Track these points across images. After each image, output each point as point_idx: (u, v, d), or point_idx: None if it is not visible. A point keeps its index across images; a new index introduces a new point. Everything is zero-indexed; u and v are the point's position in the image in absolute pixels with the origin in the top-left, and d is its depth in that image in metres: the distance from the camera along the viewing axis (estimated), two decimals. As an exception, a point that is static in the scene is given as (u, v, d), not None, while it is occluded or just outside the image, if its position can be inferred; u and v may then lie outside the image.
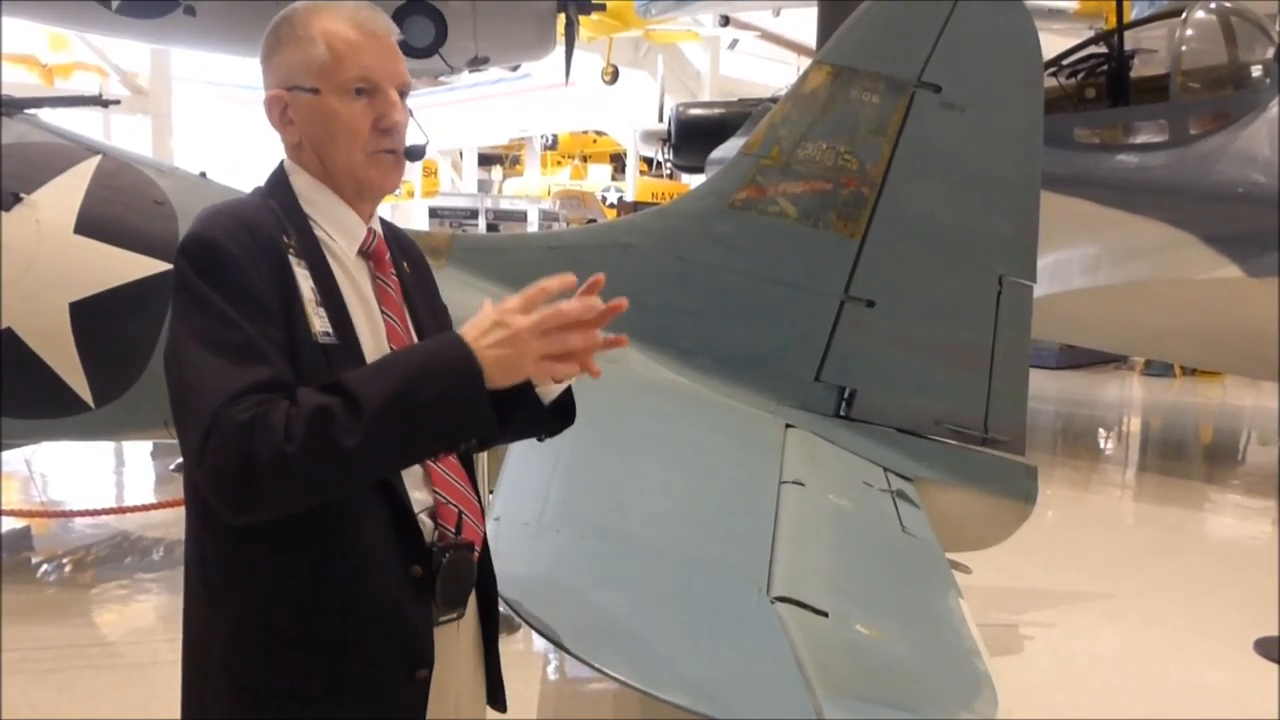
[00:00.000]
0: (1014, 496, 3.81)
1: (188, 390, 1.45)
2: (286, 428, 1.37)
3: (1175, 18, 8.02)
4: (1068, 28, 15.58)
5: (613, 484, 2.72)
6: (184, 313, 1.48)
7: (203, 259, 1.48)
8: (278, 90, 1.63)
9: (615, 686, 2.47)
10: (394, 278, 1.71)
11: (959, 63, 3.72)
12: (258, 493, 1.39)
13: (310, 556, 1.52)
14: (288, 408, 1.39)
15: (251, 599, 1.54)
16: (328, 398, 1.40)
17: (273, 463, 1.36)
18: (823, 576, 2.42)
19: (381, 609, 1.55)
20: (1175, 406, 12.60)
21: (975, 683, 2.12)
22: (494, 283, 3.96)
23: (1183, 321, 7.70)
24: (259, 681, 1.54)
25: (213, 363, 1.43)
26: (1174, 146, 7.37)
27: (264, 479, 1.37)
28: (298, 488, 1.40)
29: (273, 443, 1.36)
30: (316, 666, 1.53)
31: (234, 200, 1.63)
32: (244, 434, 1.36)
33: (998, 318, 3.76)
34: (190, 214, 4.81)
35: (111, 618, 4.90)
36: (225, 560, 1.55)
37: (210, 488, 1.41)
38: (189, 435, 1.42)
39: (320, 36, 1.60)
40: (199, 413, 1.40)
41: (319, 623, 1.53)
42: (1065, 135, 7.60)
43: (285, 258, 1.54)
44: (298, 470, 1.38)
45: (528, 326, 1.45)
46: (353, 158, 1.62)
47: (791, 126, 3.80)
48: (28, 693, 3.93)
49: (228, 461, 1.37)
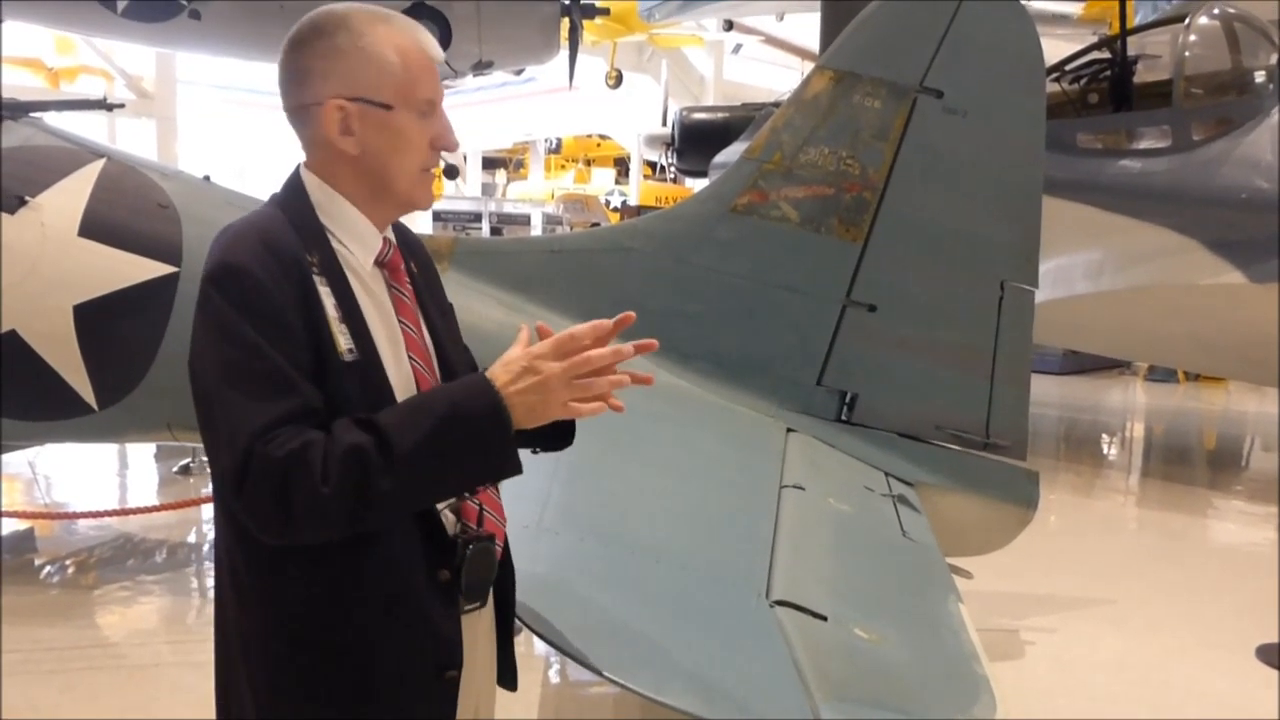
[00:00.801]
0: (1015, 502, 3.81)
1: (219, 419, 1.47)
2: (323, 468, 1.41)
3: (1178, 23, 8.02)
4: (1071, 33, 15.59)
5: (613, 487, 2.73)
6: (212, 340, 1.49)
7: (230, 285, 1.49)
8: (339, 100, 1.59)
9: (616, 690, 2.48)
10: (408, 285, 1.73)
11: (961, 68, 3.73)
12: (293, 528, 1.44)
13: (342, 562, 1.54)
14: (323, 445, 1.43)
15: (284, 603, 1.56)
16: (361, 436, 1.44)
17: (309, 502, 1.41)
18: (822, 581, 2.42)
19: (411, 612, 1.59)
20: (1178, 412, 12.58)
21: (974, 687, 2.12)
22: (497, 286, 3.97)
23: (1186, 327, 7.69)
24: (291, 684, 1.56)
25: (244, 393, 1.45)
26: (1177, 152, 7.37)
27: (299, 516, 1.43)
28: (331, 525, 1.46)
29: (309, 483, 1.41)
30: (349, 670, 1.56)
31: (253, 218, 1.61)
32: (280, 472, 1.41)
33: (999, 323, 3.76)
34: (194, 217, 4.82)
35: (114, 619, 4.91)
36: (258, 565, 1.57)
37: (250, 520, 1.46)
38: (223, 464, 1.45)
39: (395, 52, 1.59)
40: (232, 445, 1.43)
41: (351, 627, 1.56)
42: (1068, 140, 7.60)
43: (309, 277, 1.54)
44: (332, 511, 1.43)
45: (557, 374, 1.49)
46: (411, 176, 1.64)
47: (794, 131, 3.81)
48: (30, 694, 3.94)
49: (264, 498, 1.42)
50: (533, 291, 3.95)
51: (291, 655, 1.56)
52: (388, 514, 1.50)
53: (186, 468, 7.32)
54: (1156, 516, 7.70)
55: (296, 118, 1.64)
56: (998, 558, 3.95)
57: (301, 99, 1.61)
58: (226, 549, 1.61)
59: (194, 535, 6.06)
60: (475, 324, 3.82)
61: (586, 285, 3.94)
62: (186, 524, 6.15)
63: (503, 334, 3.98)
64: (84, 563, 5.55)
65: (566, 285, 3.95)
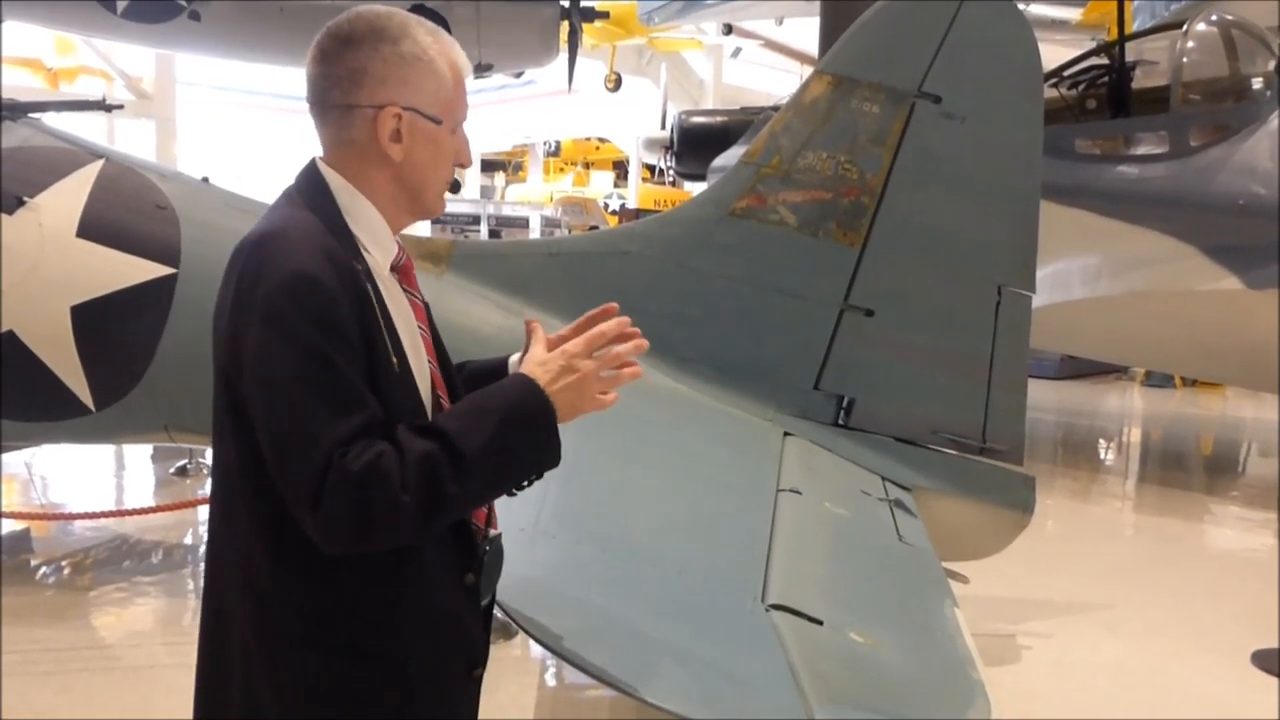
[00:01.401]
0: (1012, 506, 3.82)
1: (291, 434, 1.46)
2: (401, 479, 1.44)
3: (1177, 29, 8.04)
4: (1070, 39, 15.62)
5: (610, 490, 2.73)
6: (280, 351, 1.47)
7: (304, 296, 1.47)
8: (396, 108, 1.59)
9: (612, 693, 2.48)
10: (418, 289, 1.74)
11: (959, 73, 3.73)
12: (372, 538, 1.46)
13: (379, 568, 1.55)
14: (396, 455, 1.45)
15: (318, 610, 1.56)
16: (430, 444, 1.48)
17: (389, 512, 1.44)
18: (818, 585, 2.42)
19: (446, 617, 1.62)
20: (1176, 418, 12.60)
21: (969, 691, 2.12)
22: (495, 289, 3.98)
23: (1183, 333, 7.70)
24: (328, 690, 1.56)
25: (318, 407, 1.45)
26: (1175, 158, 7.38)
27: (380, 526, 1.45)
28: (408, 533, 1.49)
29: (389, 494, 1.43)
30: (391, 676, 1.57)
31: (294, 222, 1.57)
32: (360, 485, 1.42)
33: (997, 327, 3.77)
34: (192, 219, 4.83)
35: (110, 620, 4.91)
36: (285, 573, 1.56)
37: (324, 533, 1.46)
38: (296, 479, 1.45)
39: (449, 70, 1.64)
40: (308, 460, 1.43)
41: (391, 634, 1.58)
42: (1066, 146, 7.62)
43: (364, 287, 1.55)
44: (411, 518, 1.46)
45: (593, 370, 1.59)
46: (440, 185, 1.69)
47: (792, 135, 3.82)
48: (26, 695, 3.93)
49: (345, 511, 1.43)
50: (531, 294, 3.95)
51: (326, 661, 1.55)
52: (455, 516, 1.56)
53: (183, 469, 7.31)
54: (1153, 522, 7.71)
55: (338, 114, 1.62)
56: (994, 562, 3.95)
57: (352, 99, 1.60)
58: (244, 555, 1.58)
59: (190, 537, 6.06)
60: (474, 327, 3.84)
61: (585, 288, 3.94)
62: (183, 525, 6.14)
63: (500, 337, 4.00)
64: (80, 564, 5.55)
65: (565, 288, 3.95)
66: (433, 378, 1.68)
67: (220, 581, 1.64)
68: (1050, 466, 8.95)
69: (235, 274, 1.55)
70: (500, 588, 1.83)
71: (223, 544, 1.63)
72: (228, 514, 1.61)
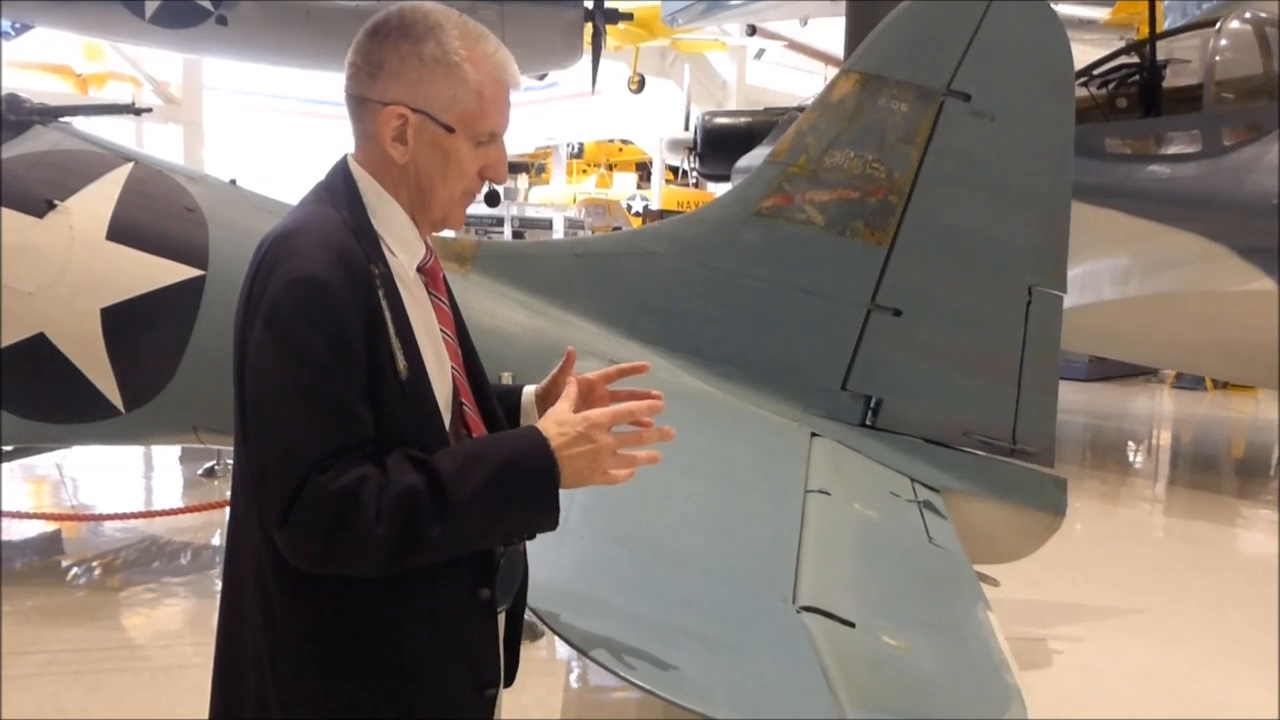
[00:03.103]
0: (1043, 508, 3.77)
1: (274, 440, 1.43)
2: (377, 509, 1.41)
3: (1209, 28, 7.94)
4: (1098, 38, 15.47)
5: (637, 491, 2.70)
6: (280, 356, 1.44)
7: (307, 300, 1.44)
8: (402, 107, 1.55)
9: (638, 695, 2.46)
10: (446, 293, 1.70)
11: (989, 71, 3.69)
12: (335, 561, 1.44)
13: (388, 585, 1.52)
14: (378, 482, 1.42)
15: (324, 625, 1.52)
16: (417, 479, 1.44)
17: (359, 541, 1.41)
18: (849, 587, 2.40)
19: (454, 633, 1.58)
20: (1206, 420, 12.44)
21: (1004, 697, 2.09)
22: (520, 289, 3.97)
23: (1215, 334, 7.60)
24: (334, 703, 1.53)
25: (305, 418, 1.42)
26: (1207, 157, 7.29)
27: (345, 553, 1.43)
28: (376, 564, 1.45)
29: (362, 523, 1.40)
30: (394, 692, 1.54)
31: (315, 220, 1.54)
32: (333, 508, 1.40)
33: (1027, 328, 3.73)
34: (221, 221, 4.87)
35: (139, 621, 4.94)
36: (295, 586, 1.52)
37: (289, 548, 1.44)
38: (271, 488, 1.43)
39: (476, 78, 1.56)
40: (286, 471, 1.41)
41: (396, 649, 1.54)
42: (1096, 145, 7.54)
43: (375, 292, 1.50)
44: (380, 551, 1.43)
45: (610, 446, 1.55)
46: (451, 197, 1.61)
47: (819, 134, 3.79)
48: (56, 695, 3.97)
49: (313, 531, 1.41)
50: (556, 294, 3.95)
51: (331, 674, 1.53)
52: (433, 558, 1.49)
53: (211, 470, 7.36)
54: (1183, 525, 7.61)
55: (355, 105, 1.59)
56: (1022, 565, 3.91)
57: (367, 91, 1.57)
58: (257, 566, 1.55)
59: (218, 538, 6.09)
60: (498, 327, 3.84)
61: (610, 289, 3.93)
62: (211, 526, 6.18)
63: (525, 337, 4.00)
64: (110, 564, 5.59)
65: (590, 288, 3.94)
66: (456, 384, 1.64)
67: (236, 585, 1.62)
68: (1079, 469, 8.85)
69: (252, 271, 1.53)
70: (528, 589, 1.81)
71: (238, 548, 1.61)
72: (242, 519, 1.59)
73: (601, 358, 3.73)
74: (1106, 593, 5.55)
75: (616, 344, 3.79)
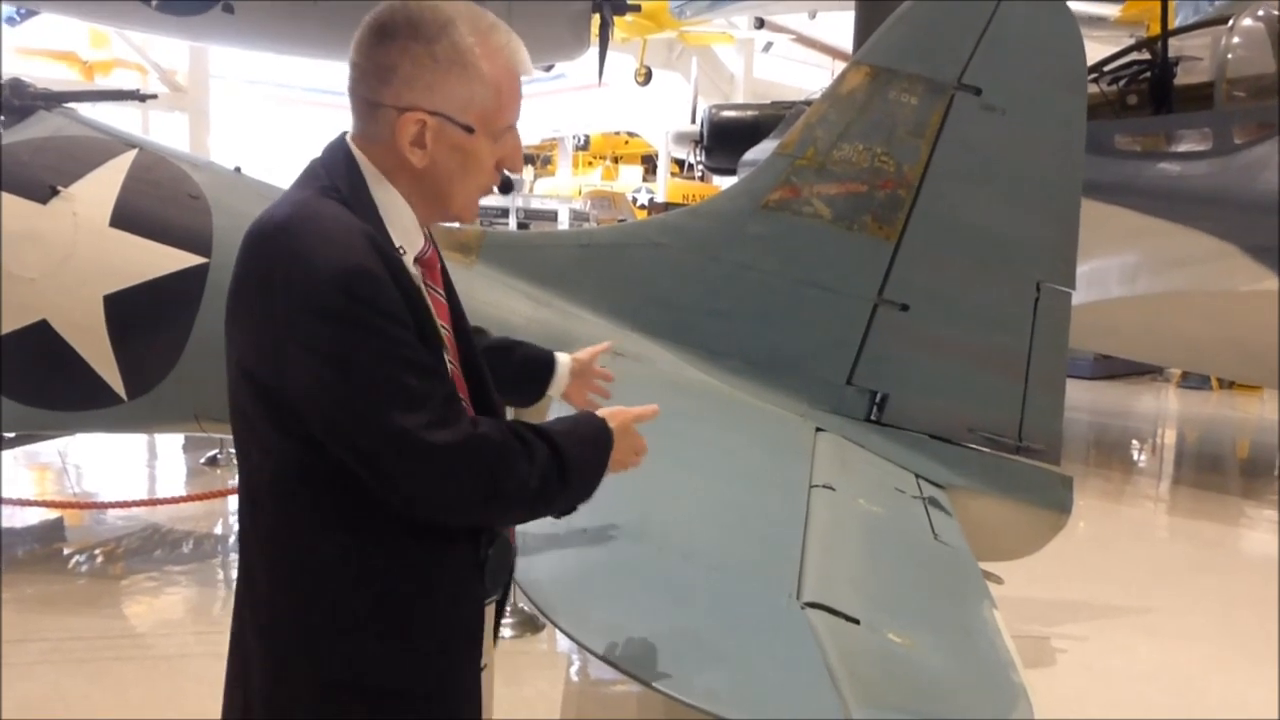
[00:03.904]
0: (1049, 506, 3.74)
1: (383, 415, 1.40)
2: (530, 462, 1.51)
3: (1221, 25, 7.89)
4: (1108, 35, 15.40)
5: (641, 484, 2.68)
6: (358, 341, 1.40)
7: (365, 290, 1.40)
8: (420, 112, 1.50)
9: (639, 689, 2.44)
10: (443, 285, 1.68)
11: (1000, 65, 3.66)
12: (488, 509, 1.52)
13: (389, 570, 1.52)
14: (526, 441, 1.53)
15: (348, 599, 1.52)
16: (547, 444, 1.56)
17: (516, 491, 1.51)
18: (854, 583, 2.37)
19: (463, 609, 1.60)
20: (1212, 420, 12.40)
21: (1010, 695, 2.07)
22: (525, 280, 3.95)
23: (1222, 333, 7.56)
24: (347, 678, 1.53)
25: (415, 378, 1.43)
26: (1218, 155, 7.24)
27: (502, 499, 1.51)
28: (515, 515, 1.60)
29: (521, 473, 1.50)
30: (405, 664, 1.54)
31: (326, 207, 1.49)
32: (499, 456, 1.49)
33: (1035, 324, 3.69)
34: (225, 209, 4.86)
35: (141, 609, 4.94)
36: (298, 570, 1.52)
37: (448, 468, 1.45)
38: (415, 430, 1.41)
39: (492, 74, 1.52)
40: (430, 407, 1.43)
41: (411, 624, 1.54)
42: (1106, 142, 7.49)
43: (412, 278, 1.50)
44: (524, 503, 1.55)
45: (642, 445, 1.81)
46: (469, 195, 1.59)
47: (828, 127, 3.76)
48: (58, 683, 3.96)
49: (479, 475, 1.47)
50: (562, 286, 3.92)
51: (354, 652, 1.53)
52: (536, 517, 1.64)
53: (214, 459, 7.36)
54: (1188, 524, 7.58)
55: (364, 109, 1.54)
56: (1026, 562, 3.88)
57: (378, 96, 1.51)
58: (264, 550, 1.56)
59: (221, 526, 6.09)
60: (503, 318, 3.81)
61: (616, 280, 3.91)
62: (213, 515, 6.17)
63: (530, 328, 3.98)
64: (112, 553, 5.58)
65: (595, 280, 3.92)
66: (454, 378, 1.62)
67: (246, 577, 1.61)
68: (1084, 467, 8.83)
69: (257, 262, 1.46)
70: (529, 582, 1.81)
71: (247, 538, 1.61)
72: (251, 508, 1.58)
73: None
74: (1111, 592, 5.53)
75: (621, 336, 3.77)
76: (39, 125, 4.44)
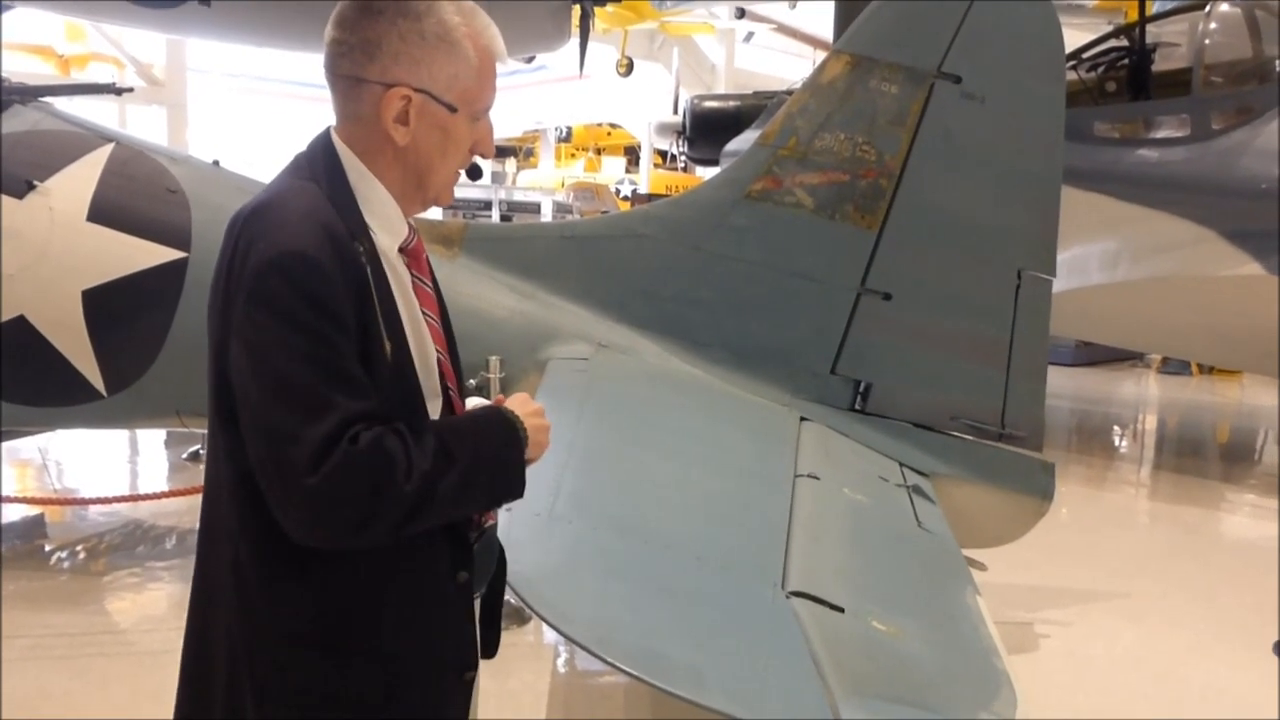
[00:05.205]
0: (1031, 493, 3.77)
1: (284, 414, 1.38)
2: (407, 466, 1.40)
3: (1198, 11, 7.92)
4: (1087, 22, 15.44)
5: (626, 476, 2.69)
6: (275, 327, 1.40)
7: (298, 274, 1.40)
8: (405, 88, 1.51)
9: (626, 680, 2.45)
10: (429, 274, 1.68)
11: (980, 53, 3.67)
12: (369, 526, 1.40)
13: (374, 568, 1.51)
14: (402, 444, 1.41)
15: (315, 610, 1.51)
16: (430, 443, 1.45)
17: (392, 497, 1.39)
18: (838, 572, 2.38)
19: (435, 618, 1.57)
20: (1192, 405, 12.50)
21: (994, 682, 2.08)
22: (508, 272, 3.94)
23: (1202, 319, 7.62)
24: (317, 688, 1.51)
25: (319, 385, 1.38)
26: (1196, 141, 7.29)
27: (380, 511, 1.39)
28: (396, 525, 1.43)
29: (394, 478, 1.38)
30: (377, 675, 1.53)
31: (295, 195, 1.50)
32: (368, 464, 1.37)
33: (1016, 312, 3.72)
34: (204, 202, 4.82)
35: (124, 605, 4.91)
36: (274, 571, 1.50)
37: (314, 522, 1.39)
38: (285, 465, 1.37)
39: (476, 57, 1.54)
40: (307, 437, 1.35)
41: (375, 633, 1.53)
42: (1085, 129, 7.52)
43: (363, 269, 1.48)
44: (404, 509, 1.41)
45: (548, 425, 1.64)
46: (447, 177, 1.60)
47: (809, 116, 3.76)
48: (40, 680, 3.93)
49: (349, 490, 1.37)
50: (544, 277, 3.92)
51: (309, 660, 1.51)
52: (429, 523, 1.48)
53: (196, 454, 7.31)
54: (1170, 510, 7.64)
55: (346, 85, 1.54)
56: (1008, 549, 3.91)
57: (363, 72, 1.52)
58: (234, 558, 1.53)
59: (203, 522, 6.05)
60: (487, 310, 3.81)
61: (599, 272, 3.90)
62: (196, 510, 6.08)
63: (513, 320, 3.96)
64: (94, 548, 5.55)
65: (578, 271, 3.91)
66: (442, 368, 1.62)
67: (209, 579, 1.59)
68: (1065, 454, 8.88)
69: (230, 246, 1.48)
70: (514, 574, 1.80)
71: (213, 532, 1.59)
72: (217, 499, 1.57)
73: (590, 341, 3.71)
74: (1094, 577, 5.57)
75: (605, 327, 3.77)
76: (14, 120, 4.39)
